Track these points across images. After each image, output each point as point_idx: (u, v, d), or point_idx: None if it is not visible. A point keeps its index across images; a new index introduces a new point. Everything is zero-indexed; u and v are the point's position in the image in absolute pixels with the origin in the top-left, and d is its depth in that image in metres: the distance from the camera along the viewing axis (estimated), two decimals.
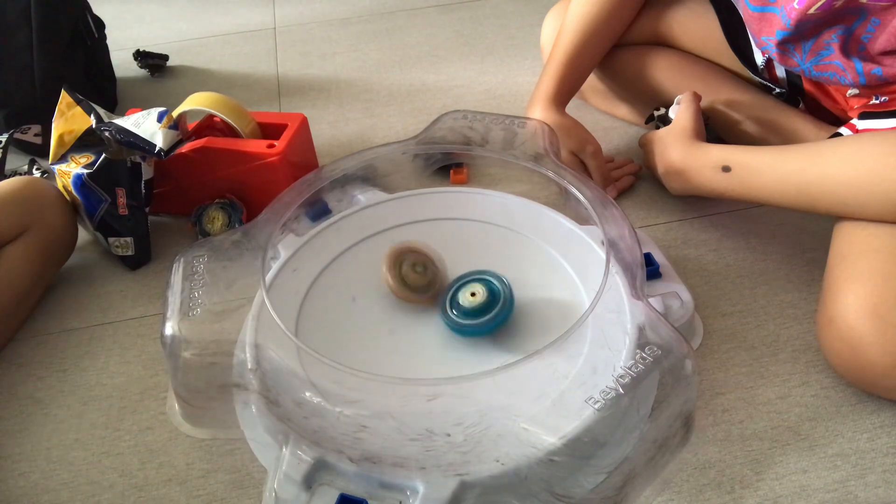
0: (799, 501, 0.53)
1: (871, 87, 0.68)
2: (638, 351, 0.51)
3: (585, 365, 0.54)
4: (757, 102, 0.81)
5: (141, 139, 0.74)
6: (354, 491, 0.48)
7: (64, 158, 0.78)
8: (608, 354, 0.54)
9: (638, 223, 0.80)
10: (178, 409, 0.62)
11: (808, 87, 0.78)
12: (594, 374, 0.53)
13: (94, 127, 0.76)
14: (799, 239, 0.76)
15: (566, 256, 0.66)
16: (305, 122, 0.84)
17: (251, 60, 1.25)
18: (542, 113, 0.82)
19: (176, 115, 0.78)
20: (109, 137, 0.75)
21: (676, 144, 0.73)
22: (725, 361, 0.64)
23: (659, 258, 0.67)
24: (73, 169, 0.75)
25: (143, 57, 1.21)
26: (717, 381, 0.62)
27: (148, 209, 0.78)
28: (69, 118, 0.78)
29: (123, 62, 1.22)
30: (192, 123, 0.84)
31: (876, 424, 0.58)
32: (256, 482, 0.57)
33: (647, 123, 0.86)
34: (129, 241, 0.78)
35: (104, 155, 0.75)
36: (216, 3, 1.49)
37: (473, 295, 0.59)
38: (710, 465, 0.56)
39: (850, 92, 0.71)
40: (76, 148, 0.78)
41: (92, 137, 0.77)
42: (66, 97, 0.79)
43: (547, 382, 0.53)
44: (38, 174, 0.93)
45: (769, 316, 0.68)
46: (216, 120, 0.84)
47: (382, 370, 0.51)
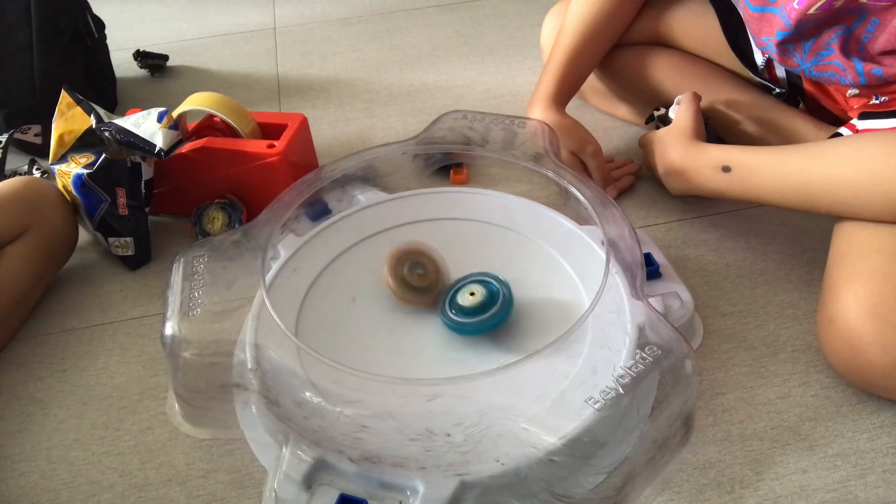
0: (799, 501, 0.53)
1: (871, 87, 0.68)
2: (638, 351, 0.51)
3: (585, 365, 0.54)
4: (757, 102, 0.81)
5: (141, 139, 0.74)
6: (354, 491, 0.48)
7: (64, 158, 0.78)
8: (608, 354, 0.54)
9: (638, 223, 0.80)
10: (178, 409, 0.62)
11: (808, 87, 0.78)
12: (594, 374, 0.53)
13: (94, 127, 0.76)
14: (799, 239, 0.76)
15: (566, 256, 0.66)
16: (305, 122, 0.84)
17: (251, 60, 1.25)
18: (542, 113, 0.82)
19: (176, 115, 0.78)
20: (109, 137, 0.75)
21: (676, 144, 0.73)
22: (725, 361, 0.64)
23: (659, 258, 0.67)
24: (73, 169, 0.75)
25: (143, 57, 1.21)
26: (717, 381, 0.62)
27: (148, 209, 0.78)
28: (69, 118, 0.78)
29: (123, 62, 1.22)
30: (192, 123, 0.84)
31: (876, 424, 0.58)
32: (256, 482, 0.57)
33: (647, 123, 0.86)
34: (129, 241, 0.78)
35: (104, 155, 0.75)
36: (216, 3, 1.49)
37: (472, 294, 0.59)
38: (710, 465, 0.56)
39: (850, 92, 0.71)
40: (76, 148, 0.78)
41: (92, 137, 0.77)
42: (66, 97, 0.79)
43: (547, 382, 0.53)
44: (38, 174, 0.93)
45: (769, 316, 0.68)
46: (216, 120, 0.84)
47: (382, 370, 0.51)
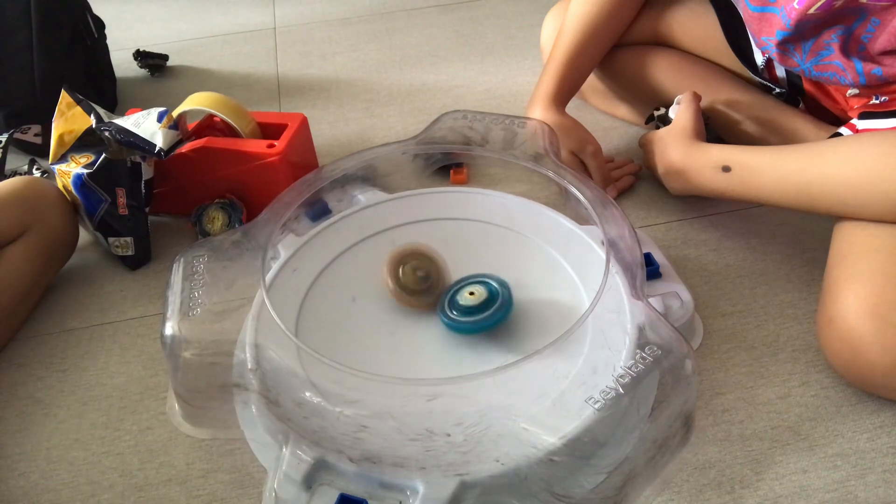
0: (799, 501, 0.53)
1: (871, 87, 0.68)
2: (638, 351, 0.51)
3: (585, 365, 0.54)
4: (757, 102, 0.81)
5: (141, 139, 0.74)
6: (354, 491, 0.48)
7: (64, 158, 0.78)
8: (608, 354, 0.54)
9: (638, 223, 0.80)
10: (178, 409, 0.62)
11: (808, 87, 0.78)
12: (594, 374, 0.53)
13: (94, 127, 0.76)
14: (799, 239, 0.76)
15: (566, 256, 0.66)
16: (305, 122, 0.84)
17: (251, 60, 1.25)
18: (542, 113, 0.82)
19: (176, 115, 0.78)
20: (109, 137, 0.75)
21: (676, 144, 0.73)
22: (725, 361, 0.64)
23: (659, 258, 0.67)
24: (73, 169, 0.75)
25: (143, 57, 1.21)
26: (717, 381, 0.62)
27: (148, 209, 0.78)
28: (69, 118, 0.78)
29: (123, 62, 1.22)
30: (192, 123, 0.84)
31: (876, 424, 0.58)
32: (256, 482, 0.57)
33: (647, 123, 0.86)
34: (129, 241, 0.78)
35: (104, 155, 0.75)
36: (216, 3, 1.49)
37: (472, 294, 0.59)
38: (710, 465, 0.56)
39: (850, 92, 0.71)
40: (76, 148, 0.78)
41: (92, 137, 0.77)
42: (66, 97, 0.79)
43: (547, 382, 0.53)
44: (38, 174, 0.93)
45: (769, 316, 0.68)
46: (216, 120, 0.84)
47: (382, 370, 0.51)
